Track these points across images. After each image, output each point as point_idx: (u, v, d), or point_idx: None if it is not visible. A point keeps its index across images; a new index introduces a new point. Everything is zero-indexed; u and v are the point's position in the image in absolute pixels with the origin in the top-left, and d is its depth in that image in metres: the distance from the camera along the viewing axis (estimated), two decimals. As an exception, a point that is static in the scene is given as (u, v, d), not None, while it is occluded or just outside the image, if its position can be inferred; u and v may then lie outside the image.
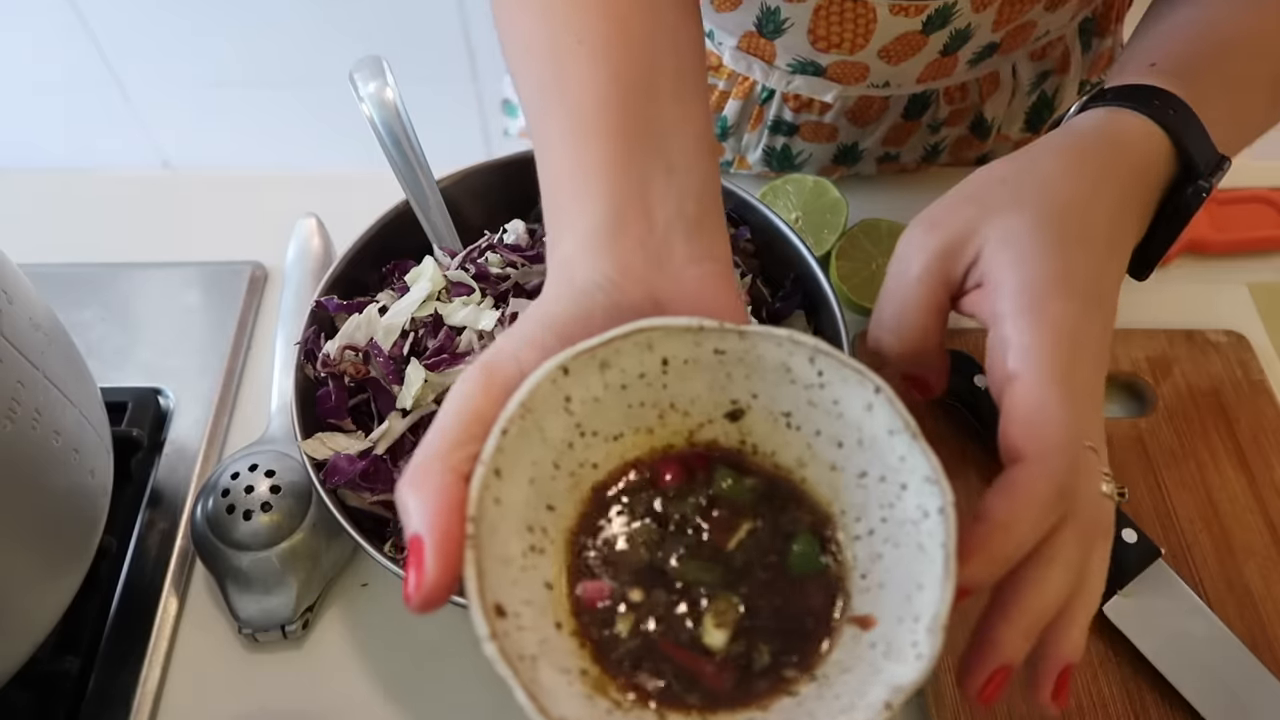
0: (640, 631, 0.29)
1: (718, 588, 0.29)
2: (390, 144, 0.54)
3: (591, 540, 0.30)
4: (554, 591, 0.29)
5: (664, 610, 0.29)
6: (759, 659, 0.28)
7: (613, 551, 0.30)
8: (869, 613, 0.28)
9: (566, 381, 0.30)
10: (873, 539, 0.29)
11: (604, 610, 0.29)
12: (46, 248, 0.69)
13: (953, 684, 0.50)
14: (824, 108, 0.67)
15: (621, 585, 0.29)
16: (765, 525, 0.30)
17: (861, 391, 0.29)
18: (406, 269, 0.55)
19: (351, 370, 0.50)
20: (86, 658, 0.52)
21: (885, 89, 0.65)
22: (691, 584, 0.29)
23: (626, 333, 0.30)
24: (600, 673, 0.28)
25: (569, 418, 0.30)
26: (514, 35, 0.41)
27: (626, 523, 0.30)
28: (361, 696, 0.51)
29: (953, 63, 0.63)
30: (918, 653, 0.25)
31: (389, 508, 0.48)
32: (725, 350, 0.31)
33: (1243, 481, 0.57)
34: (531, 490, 0.29)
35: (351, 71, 0.55)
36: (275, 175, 0.76)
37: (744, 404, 0.32)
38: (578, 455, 0.31)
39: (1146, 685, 0.50)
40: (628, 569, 0.29)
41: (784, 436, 0.32)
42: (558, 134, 0.37)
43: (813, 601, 0.29)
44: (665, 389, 0.31)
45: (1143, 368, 0.62)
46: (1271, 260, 0.70)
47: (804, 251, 0.54)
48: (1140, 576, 0.52)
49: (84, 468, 0.47)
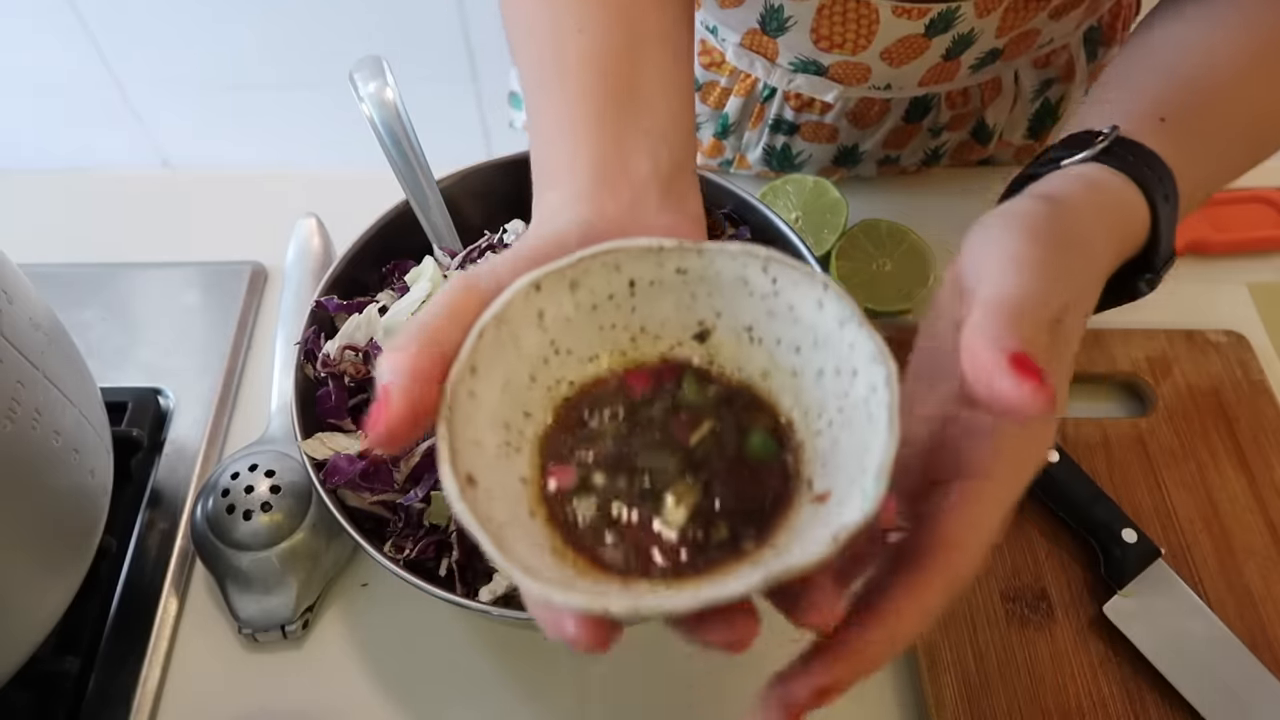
0: (604, 511, 0.31)
1: (678, 474, 0.31)
2: (390, 144, 0.54)
3: (563, 439, 0.32)
4: (527, 486, 0.31)
5: (627, 493, 0.31)
6: (717, 534, 0.30)
7: (582, 446, 0.32)
8: (826, 489, 0.30)
9: (539, 297, 0.32)
10: (831, 429, 0.31)
11: (570, 493, 0.31)
12: (46, 248, 0.69)
13: (953, 684, 0.50)
14: (825, 108, 0.67)
15: (588, 472, 0.31)
16: (726, 424, 0.33)
17: (812, 290, 0.31)
18: (406, 269, 0.55)
19: (351, 370, 0.50)
20: (86, 658, 0.52)
21: (887, 91, 0.65)
22: (654, 471, 0.31)
23: (593, 253, 0.32)
24: (566, 548, 0.30)
25: (543, 334, 0.32)
26: (518, 19, 0.45)
27: (596, 423, 0.33)
28: (361, 696, 0.51)
29: (955, 67, 0.63)
30: (864, 496, 0.27)
31: (389, 508, 0.48)
32: (687, 269, 0.33)
33: (1243, 481, 0.57)
34: (506, 395, 0.31)
35: (351, 71, 0.55)
36: (275, 175, 0.76)
37: (709, 324, 0.34)
38: (553, 371, 0.33)
39: (1146, 685, 0.50)
40: (595, 459, 0.32)
41: (748, 351, 0.34)
42: (549, 101, 0.41)
43: (770, 485, 0.31)
44: (634, 311, 0.34)
45: (1143, 368, 0.62)
46: (1271, 260, 0.70)
47: (804, 251, 0.54)
48: (1140, 576, 0.52)
49: (84, 468, 0.47)
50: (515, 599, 0.47)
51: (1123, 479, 0.57)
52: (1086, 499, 0.54)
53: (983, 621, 0.52)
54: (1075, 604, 0.53)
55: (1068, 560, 0.54)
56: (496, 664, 0.52)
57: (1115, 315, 0.65)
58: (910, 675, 0.52)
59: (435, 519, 0.47)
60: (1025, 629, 0.52)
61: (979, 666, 0.50)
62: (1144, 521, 0.55)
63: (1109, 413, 0.62)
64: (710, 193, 0.58)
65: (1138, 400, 0.62)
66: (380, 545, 0.46)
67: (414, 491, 0.47)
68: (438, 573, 0.47)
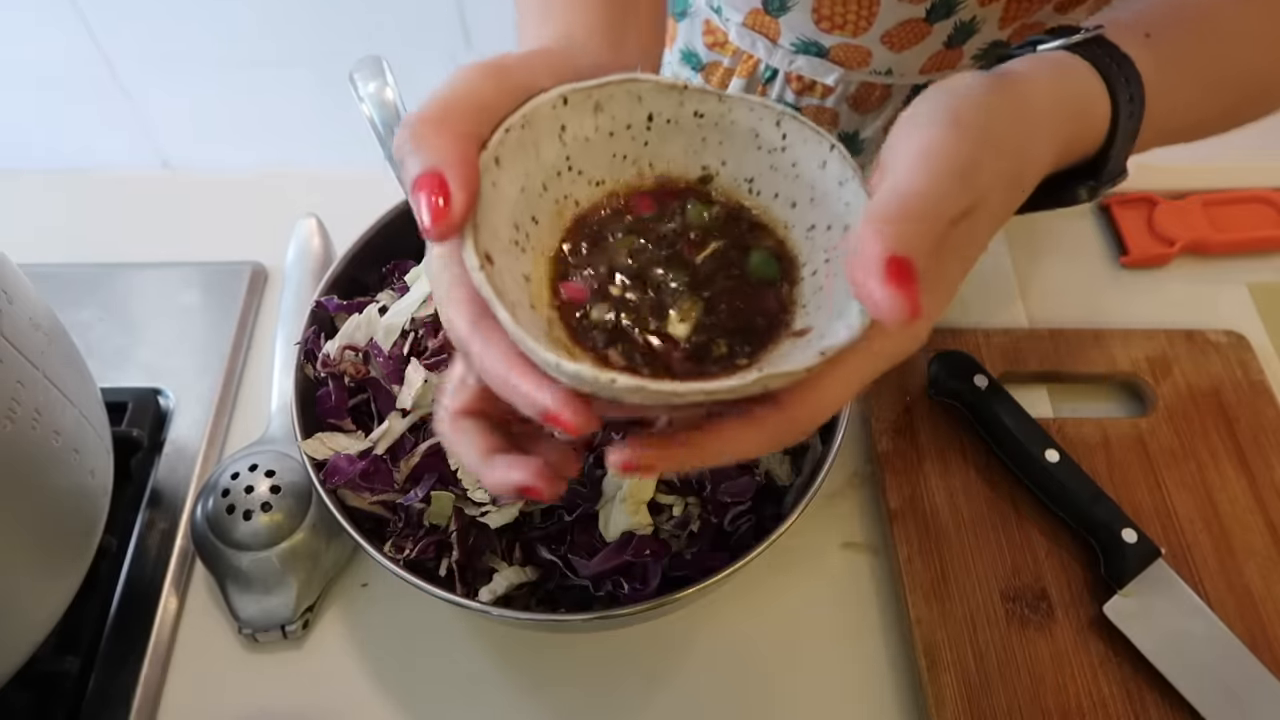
0: (611, 319, 0.32)
1: (684, 290, 0.32)
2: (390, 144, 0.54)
3: (572, 253, 0.33)
4: (532, 285, 0.32)
5: (634, 305, 0.32)
6: (716, 349, 0.31)
7: (591, 260, 0.33)
8: (806, 326, 0.32)
9: (564, 111, 0.33)
10: (816, 277, 0.33)
11: (580, 303, 0.32)
12: (46, 248, 0.69)
13: (953, 684, 0.50)
14: (826, 91, 0.67)
15: (598, 283, 0.32)
16: (730, 244, 0.34)
17: (819, 149, 0.33)
18: (406, 269, 0.55)
19: (351, 370, 0.50)
20: (86, 658, 0.52)
21: (888, 77, 0.65)
22: (661, 285, 0.33)
23: (620, 80, 0.34)
24: (575, 347, 0.31)
25: (561, 148, 0.34)
26: None
27: (605, 239, 0.34)
28: (361, 696, 0.51)
29: (957, 56, 0.63)
30: (849, 326, 0.29)
31: (389, 508, 0.48)
32: (704, 114, 0.34)
33: (1243, 482, 0.57)
34: (521, 197, 0.33)
35: (351, 71, 0.55)
36: (275, 175, 0.76)
37: (713, 170, 0.35)
38: (564, 186, 0.34)
39: (1146, 685, 0.50)
40: (604, 272, 0.33)
41: (746, 202, 0.35)
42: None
43: (767, 309, 0.33)
44: (646, 146, 0.35)
45: (1143, 368, 0.62)
46: (1271, 260, 0.70)
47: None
48: (1140, 576, 0.52)
49: (84, 468, 0.47)
50: (515, 599, 0.47)
51: (1123, 479, 0.57)
52: (1086, 499, 0.54)
53: (983, 621, 0.52)
54: (1075, 604, 0.53)
55: (1068, 560, 0.54)
56: (496, 664, 0.52)
57: (1115, 315, 0.65)
58: (910, 675, 0.52)
59: (435, 519, 0.47)
60: (1025, 629, 0.52)
61: (979, 666, 0.50)
62: (1144, 521, 0.55)
63: (1109, 413, 0.62)
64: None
65: (1138, 400, 0.62)
66: (380, 545, 0.46)
67: (414, 491, 0.47)
68: (438, 573, 0.47)
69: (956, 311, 0.66)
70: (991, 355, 0.62)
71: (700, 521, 0.46)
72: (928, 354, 0.60)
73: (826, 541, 0.57)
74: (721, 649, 0.53)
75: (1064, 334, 0.63)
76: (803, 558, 0.56)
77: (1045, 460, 0.55)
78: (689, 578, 0.45)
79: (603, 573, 0.45)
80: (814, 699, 0.51)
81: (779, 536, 0.44)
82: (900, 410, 0.60)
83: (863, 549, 0.56)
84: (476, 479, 0.46)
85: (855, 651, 0.53)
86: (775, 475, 0.49)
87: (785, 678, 0.52)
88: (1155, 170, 0.73)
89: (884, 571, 0.56)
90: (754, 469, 0.48)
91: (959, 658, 0.51)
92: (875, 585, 0.55)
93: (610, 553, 0.45)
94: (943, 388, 0.59)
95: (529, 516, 0.47)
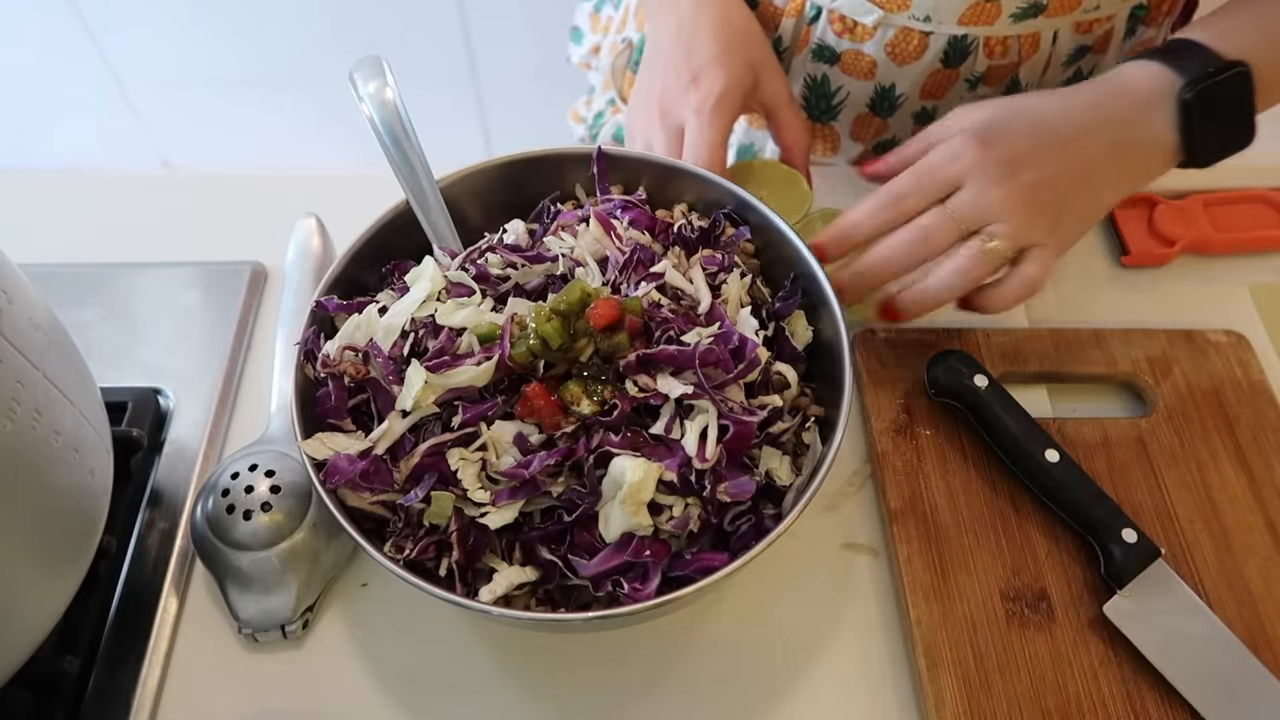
0: None
1: None
2: (390, 144, 0.54)
3: None
4: None
5: None
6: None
7: None
8: None
9: None
10: None
11: None
12: (46, 248, 0.69)
13: (953, 684, 0.50)
14: (865, 34, 0.68)
15: None
16: None
17: None
18: (406, 269, 0.55)
19: (351, 370, 0.50)
20: (86, 658, 0.52)
21: (926, 24, 0.65)
22: None
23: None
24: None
25: None
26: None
27: None
28: (361, 696, 0.51)
29: (996, 11, 0.64)
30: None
31: (389, 508, 0.48)
32: None
33: (1243, 481, 0.57)
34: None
35: (351, 71, 0.55)
36: (275, 175, 0.76)
37: None
38: None
39: (1146, 685, 0.50)
40: None
41: None
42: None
43: None
44: None
45: (1143, 368, 0.62)
46: (1271, 260, 0.70)
47: (804, 251, 0.54)
48: (1140, 576, 0.52)
49: (84, 467, 0.47)
50: (515, 599, 0.47)
51: (1123, 479, 0.57)
52: (1086, 499, 0.54)
53: (983, 621, 0.52)
54: (1075, 604, 0.53)
55: (1068, 560, 0.54)
56: (496, 664, 0.52)
57: (1115, 315, 0.65)
58: (910, 675, 0.52)
59: (435, 519, 0.47)
60: (1025, 629, 0.52)
61: (979, 666, 0.50)
62: (1144, 521, 0.55)
63: (1109, 413, 0.62)
64: (711, 192, 0.58)
65: (1138, 400, 0.62)
66: (380, 545, 0.46)
67: (414, 491, 0.47)
68: (438, 573, 0.47)
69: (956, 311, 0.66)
70: (991, 355, 0.62)
71: (700, 521, 0.46)
72: (928, 354, 0.60)
73: (826, 541, 0.57)
74: (721, 649, 0.53)
75: (1064, 334, 0.63)
76: (803, 558, 0.56)
77: (1045, 460, 0.55)
78: (689, 578, 0.45)
79: (603, 573, 0.45)
80: (814, 699, 0.51)
81: (779, 536, 0.44)
82: (900, 410, 0.60)
83: (863, 549, 0.56)
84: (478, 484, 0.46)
85: (855, 651, 0.53)
86: (775, 475, 0.49)
87: (785, 678, 0.52)
88: (1155, 170, 0.74)
89: (884, 571, 0.56)
90: (754, 469, 0.48)
91: (959, 658, 0.51)
92: (875, 585, 0.55)
93: (610, 553, 0.45)
94: (943, 388, 0.59)
95: (529, 516, 0.47)
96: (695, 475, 0.46)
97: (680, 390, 0.46)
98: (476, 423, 0.47)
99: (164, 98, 1.67)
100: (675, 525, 0.46)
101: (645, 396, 0.46)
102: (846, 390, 0.49)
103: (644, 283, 0.50)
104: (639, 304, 0.48)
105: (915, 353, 0.62)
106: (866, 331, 0.64)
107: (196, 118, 1.68)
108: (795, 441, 0.50)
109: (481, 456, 0.46)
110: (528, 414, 0.46)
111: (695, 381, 0.46)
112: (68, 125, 1.71)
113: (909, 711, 0.51)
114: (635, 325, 0.47)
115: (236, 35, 1.55)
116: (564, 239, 0.54)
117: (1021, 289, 0.55)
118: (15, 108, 1.69)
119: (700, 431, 0.46)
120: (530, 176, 0.59)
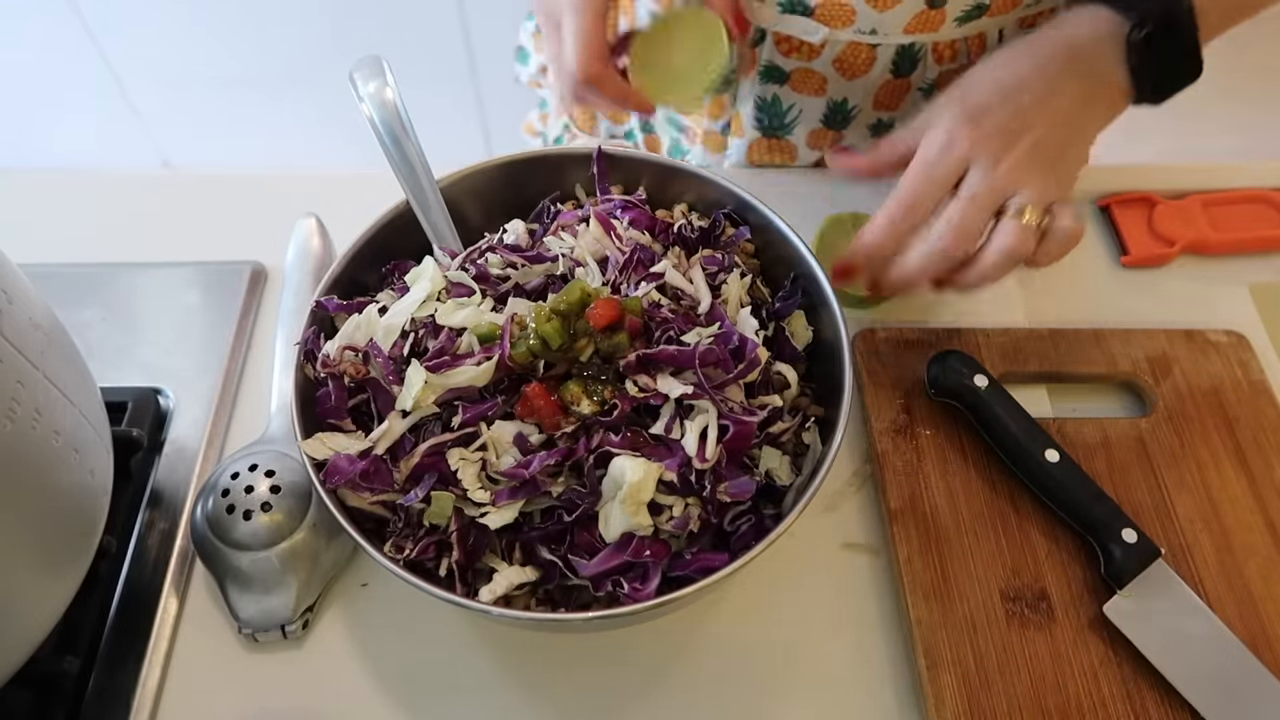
0: None
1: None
2: (390, 144, 0.54)
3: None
4: None
5: None
6: None
7: None
8: None
9: None
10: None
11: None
12: (46, 248, 0.69)
13: (953, 684, 0.50)
14: (813, 52, 0.67)
15: None
16: None
17: None
18: (406, 269, 0.55)
19: (351, 370, 0.50)
20: (86, 658, 0.52)
21: (873, 36, 0.65)
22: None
23: None
24: None
25: None
26: None
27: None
28: (361, 696, 0.51)
29: (940, 17, 0.64)
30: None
31: (389, 508, 0.48)
32: None
33: (1243, 482, 0.57)
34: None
35: (351, 71, 0.55)
36: (275, 175, 0.76)
37: None
38: None
39: (1146, 685, 0.50)
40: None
41: None
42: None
43: None
44: None
45: (1143, 368, 0.62)
46: (1271, 260, 0.70)
47: (804, 251, 0.54)
48: (1140, 576, 0.52)
49: (84, 467, 0.47)
50: (515, 599, 0.47)
51: (1123, 479, 0.57)
52: (1086, 499, 0.54)
53: (983, 621, 0.52)
54: (1075, 604, 0.53)
55: (1068, 560, 0.54)
56: (496, 664, 0.52)
57: (1115, 315, 0.65)
58: (910, 675, 0.52)
59: (435, 519, 0.47)
60: (1025, 629, 0.52)
61: (979, 666, 0.50)
62: (1144, 521, 0.55)
63: (1109, 413, 0.62)
64: (711, 193, 0.58)
65: (1138, 400, 0.62)
66: (380, 545, 0.46)
67: (414, 491, 0.47)
68: (438, 573, 0.47)
69: (956, 311, 0.66)
70: (991, 355, 0.62)
71: (700, 521, 0.46)
72: (928, 354, 0.60)
73: (826, 541, 0.57)
74: (721, 649, 0.53)
75: (1064, 334, 0.63)
76: (803, 558, 0.56)
77: (1045, 460, 0.55)
78: (689, 578, 0.45)
79: (603, 573, 0.45)
80: (814, 699, 0.51)
81: (779, 536, 0.44)
82: (900, 410, 0.60)
83: (863, 549, 0.56)
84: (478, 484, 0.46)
85: (855, 651, 0.53)
86: (775, 475, 0.49)
87: (785, 678, 0.52)
88: (1155, 170, 0.74)
89: (884, 571, 0.56)
90: (754, 469, 0.49)
91: (959, 658, 0.51)
92: (875, 585, 0.55)
93: (610, 553, 0.45)
94: (943, 387, 0.59)
95: (529, 516, 0.47)
96: (695, 475, 0.46)
97: (680, 390, 0.46)
98: (476, 423, 0.47)
99: (164, 98, 1.66)
100: (675, 525, 0.46)
101: (645, 396, 0.46)
102: (846, 390, 0.49)
103: (644, 283, 0.50)
104: (639, 304, 0.48)
105: (915, 353, 0.62)
106: (866, 331, 0.64)
107: (196, 118, 1.68)
108: (795, 441, 0.50)
109: (481, 456, 0.46)
110: (528, 414, 0.46)
111: (695, 381, 0.46)
112: (67, 125, 1.71)
113: (909, 711, 0.51)
114: (635, 325, 0.47)
115: (236, 35, 1.54)
116: (564, 239, 0.54)
117: (1067, 242, 0.55)
118: (15, 108, 1.69)
119: (700, 431, 0.46)
120: (530, 176, 0.59)
